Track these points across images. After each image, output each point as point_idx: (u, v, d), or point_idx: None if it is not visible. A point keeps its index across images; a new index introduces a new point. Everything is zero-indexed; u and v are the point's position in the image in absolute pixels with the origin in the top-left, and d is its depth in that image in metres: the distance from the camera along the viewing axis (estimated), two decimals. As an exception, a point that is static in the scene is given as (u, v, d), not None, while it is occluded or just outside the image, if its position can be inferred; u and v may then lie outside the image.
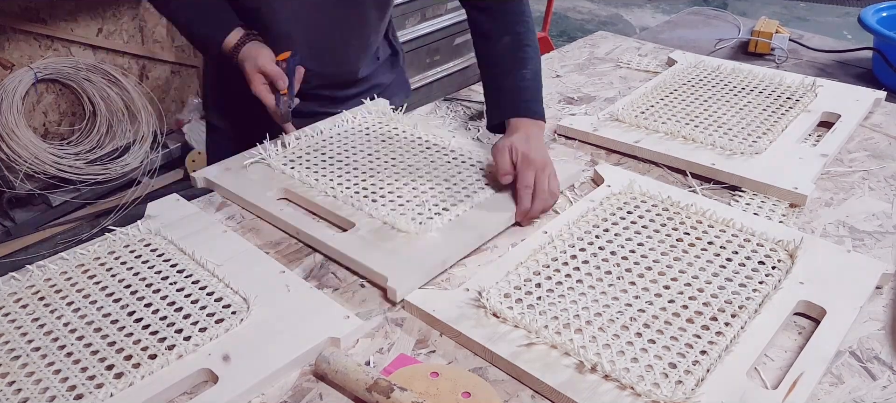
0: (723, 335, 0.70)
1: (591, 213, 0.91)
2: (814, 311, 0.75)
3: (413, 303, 0.76)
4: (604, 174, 1.00)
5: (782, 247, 0.83)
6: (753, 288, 0.77)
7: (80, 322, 0.72)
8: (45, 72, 2.44)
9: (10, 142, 2.32)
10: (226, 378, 0.66)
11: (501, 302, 0.75)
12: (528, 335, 0.71)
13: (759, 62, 1.53)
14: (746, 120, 1.13)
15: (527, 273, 0.80)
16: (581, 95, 1.31)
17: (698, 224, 0.88)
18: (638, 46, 1.55)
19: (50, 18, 2.45)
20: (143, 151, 2.61)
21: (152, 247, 0.84)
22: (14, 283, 0.78)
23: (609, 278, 0.79)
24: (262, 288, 0.77)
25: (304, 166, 1.01)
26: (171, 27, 2.80)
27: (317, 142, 1.08)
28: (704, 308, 0.74)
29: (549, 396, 0.66)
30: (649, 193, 0.94)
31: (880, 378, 0.68)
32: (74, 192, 2.46)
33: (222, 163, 1.03)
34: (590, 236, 0.86)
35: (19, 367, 0.67)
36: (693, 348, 0.69)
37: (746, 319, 0.72)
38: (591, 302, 0.75)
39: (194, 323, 0.72)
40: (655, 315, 0.73)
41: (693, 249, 0.83)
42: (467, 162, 1.02)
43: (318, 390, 0.67)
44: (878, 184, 1.01)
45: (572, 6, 4.84)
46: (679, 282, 0.78)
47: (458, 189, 0.95)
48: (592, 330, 0.71)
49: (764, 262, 0.81)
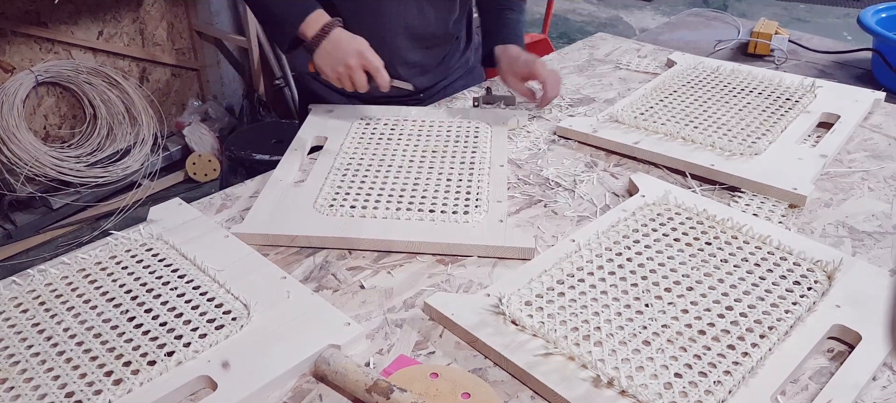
0: (749, 356, 0.67)
1: (622, 223, 0.89)
2: (848, 336, 0.72)
3: (433, 307, 0.75)
4: (639, 183, 0.98)
5: (820, 268, 0.80)
6: (786, 308, 0.74)
7: (80, 327, 0.72)
8: (46, 76, 2.44)
9: (11, 145, 2.33)
10: (224, 386, 0.66)
11: (521, 310, 0.74)
12: (546, 345, 0.70)
13: (758, 63, 1.53)
14: (746, 121, 1.13)
15: (550, 281, 0.78)
16: (581, 97, 1.32)
17: (733, 239, 0.85)
18: (637, 48, 1.55)
19: (51, 22, 2.46)
20: (144, 154, 2.61)
21: (154, 252, 0.85)
22: (15, 288, 0.79)
23: (635, 290, 0.76)
24: (263, 294, 0.77)
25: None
26: (171, 30, 2.81)
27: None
28: (732, 326, 0.71)
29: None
30: (684, 205, 0.92)
31: (880, 378, 0.68)
32: (75, 195, 2.46)
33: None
34: (619, 246, 0.84)
35: (18, 372, 0.67)
36: (716, 368, 0.66)
37: (776, 340, 0.70)
38: (614, 315, 0.73)
39: (194, 329, 0.72)
40: (680, 331, 0.71)
41: (725, 265, 0.80)
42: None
43: (317, 391, 0.67)
44: (877, 184, 1.01)
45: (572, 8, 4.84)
46: (708, 299, 0.75)
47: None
48: (613, 343, 0.69)
49: (799, 282, 0.78)
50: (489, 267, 0.85)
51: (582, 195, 0.99)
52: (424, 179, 1.00)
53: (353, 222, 0.90)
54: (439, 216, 0.91)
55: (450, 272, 0.84)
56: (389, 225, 0.90)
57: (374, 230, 0.89)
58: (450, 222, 0.90)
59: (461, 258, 0.86)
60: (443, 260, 0.86)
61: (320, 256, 0.87)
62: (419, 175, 1.01)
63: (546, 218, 0.94)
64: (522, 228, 0.92)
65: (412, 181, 1.00)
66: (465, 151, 1.08)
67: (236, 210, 0.97)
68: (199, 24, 2.85)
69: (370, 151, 1.08)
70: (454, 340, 0.73)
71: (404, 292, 0.81)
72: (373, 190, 0.98)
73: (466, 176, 1.01)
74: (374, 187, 0.98)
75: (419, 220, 0.91)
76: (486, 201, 0.94)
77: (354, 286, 0.82)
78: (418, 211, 0.92)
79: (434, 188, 0.98)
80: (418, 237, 0.87)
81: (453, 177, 1.00)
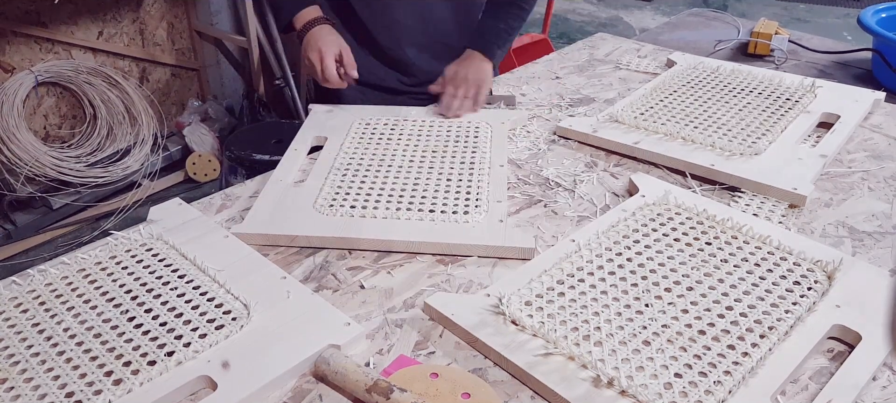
0: (749, 356, 0.67)
1: (622, 223, 0.89)
2: (848, 336, 0.72)
3: (433, 307, 0.75)
4: (639, 183, 0.98)
5: (820, 268, 0.80)
6: (786, 309, 0.74)
7: (80, 327, 0.72)
8: (46, 76, 2.44)
9: (11, 145, 2.33)
10: (224, 386, 0.66)
11: (521, 310, 0.74)
12: (546, 345, 0.70)
13: (758, 63, 1.53)
14: (746, 121, 1.13)
15: (550, 281, 0.78)
16: (581, 97, 1.31)
17: (733, 239, 0.85)
18: (637, 48, 1.55)
19: (50, 22, 2.46)
20: (144, 154, 2.61)
21: (154, 252, 0.85)
22: (15, 288, 0.79)
23: (635, 290, 0.76)
24: (263, 294, 0.77)
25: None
26: (171, 29, 2.81)
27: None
28: (732, 326, 0.71)
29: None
30: (684, 205, 0.92)
31: (880, 378, 0.68)
32: (75, 195, 2.46)
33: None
34: (619, 247, 0.84)
35: (18, 372, 0.67)
36: (716, 368, 0.66)
37: (776, 341, 0.70)
38: (614, 315, 0.73)
39: (194, 329, 0.72)
40: (680, 331, 0.71)
41: (725, 265, 0.80)
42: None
43: (317, 391, 0.67)
44: (877, 184, 1.01)
45: (572, 8, 4.84)
46: (708, 299, 0.75)
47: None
48: (613, 343, 0.69)
49: (799, 282, 0.78)
50: (489, 267, 0.85)
51: (582, 195, 0.99)
52: (424, 179, 1.00)
53: (353, 222, 0.90)
54: (439, 216, 0.91)
55: (450, 272, 0.84)
56: (389, 225, 0.90)
57: (374, 230, 0.89)
58: (450, 222, 0.90)
59: (461, 258, 0.86)
60: (443, 260, 0.86)
61: (320, 256, 0.87)
62: (419, 175, 1.01)
63: (546, 218, 0.94)
64: (522, 228, 0.92)
65: (412, 181, 1.00)
66: (465, 151, 1.08)
67: (236, 210, 0.97)
68: (199, 24, 2.85)
69: (370, 151, 1.08)
70: (454, 340, 0.73)
71: (404, 292, 0.81)
72: (373, 190, 0.98)
73: (466, 176, 1.01)
74: (374, 187, 0.98)
75: (419, 220, 0.91)
76: (486, 201, 0.94)
77: (354, 286, 0.82)
78: (418, 211, 0.92)
79: (434, 188, 0.98)
80: (418, 237, 0.87)
81: (453, 177, 1.00)
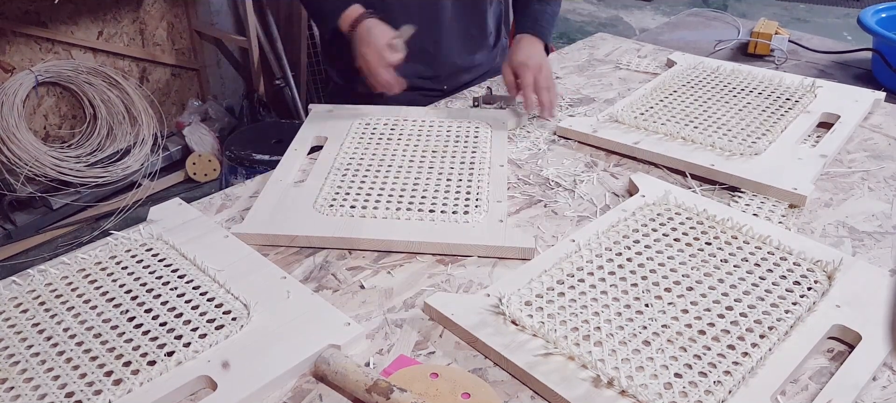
0: (749, 356, 0.67)
1: (623, 223, 0.88)
2: (848, 336, 0.72)
3: (433, 307, 0.75)
4: (639, 183, 0.98)
5: (820, 268, 0.80)
6: (786, 309, 0.74)
7: (80, 327, 0.72)
8: (46, 76, 2.44)
9: (11, 145, 2.33)
10: (224, 386, 0.66)
11: (521, 310, 0.74)
12: (546, 345, 0.70)
13: (758, 63, 1.53)
14: (746, 121, 1.13)
15: (550, 281, 0.78)
16: (581, 97, 1.31)
17: (733, 239, 0.85)
18: (637, 48, 1.55)
19: (50, 22, 2.46)
20: (144, 154, 2.61)
21: (154, 252, 0.85)
22: (15, 288, 0.79)
23: (635, 290, 0.76)
24: (263, 294, 0.77)
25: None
26: (171, 30, 2.81)
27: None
28: (732, 326, 0.71)
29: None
30: (684, 205, 0.92)
31: (880, 378, 0.68)
32: (75, 195, 2.46)
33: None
34: (619, 246, 0.84)
35: (18, 372, 0.67)
36: (716, 368, 0.66)
37: (776, 341, 0.69)
38: (614, 315, 0.73)
39: (194, 329, 0.72)
40: (680, 331, 0.71)
41: (725, 265, 0.80)
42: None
43: (317, 391, 0.67)
44: (877, 184, 1.01)
45: (572, 8, 4.84)
46: (707, 299, 0.75)
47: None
48: (613, 343, 0.69)
49: (799, 282, 0.78)
50: (489, 267, 0.85)
51: (582, 195, 0.99)
52: (424, 179, 1.00)
53: (353, 222, 0.90)
54: (439, 216, 0.91)
55: (450, 272, 0.84)
56: (389, 225, 0.90)
57: (374, 230, 0.89)
58: (450, 222, 0.90)
59: (461, 258, 0.86)
60: (443, 260, 0.86)
61: (320, 256, 0.87)
62: (419, 175, 1.01)
63: (546, 218, 0.94)
64: (522, 228, 0.92)
65: (412, 181, 1.00)
66: (465, 151, 1.08)
67: (236, 210, 0.97)
68: (199, 24, 2.86)
69: (370, 151, 1.08)
70: (454, 340, 0.73)
71: (404, 292, 0.81)
72: (373, 190, 0.98)
73: (466, 176, 1.01)
74: (374, 187, 0.98)
75: (419, 220, 0.91)
76: (486, 201, 0.94)
77: (354, 286, 0.82)
78: (418, 211, 0.92)
79: (434, 188, 0.98)
80: (418, 237, 0.87)
81: (453, 177, 1.00)
